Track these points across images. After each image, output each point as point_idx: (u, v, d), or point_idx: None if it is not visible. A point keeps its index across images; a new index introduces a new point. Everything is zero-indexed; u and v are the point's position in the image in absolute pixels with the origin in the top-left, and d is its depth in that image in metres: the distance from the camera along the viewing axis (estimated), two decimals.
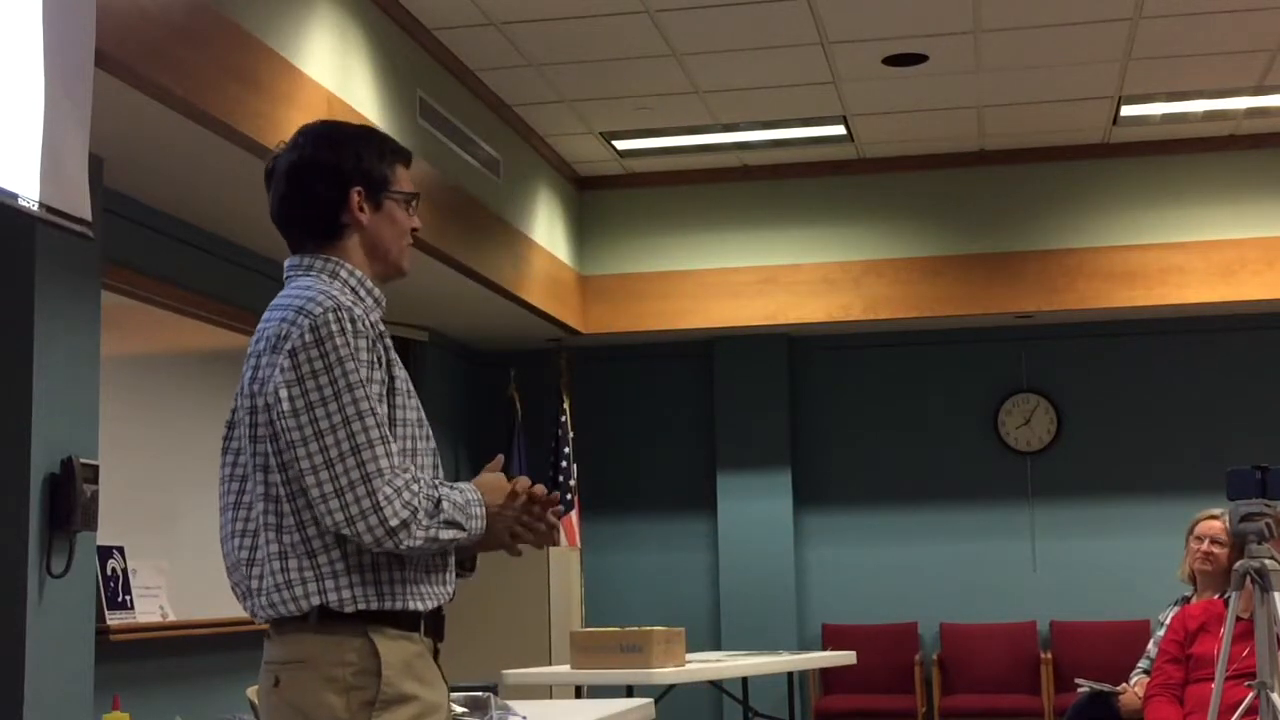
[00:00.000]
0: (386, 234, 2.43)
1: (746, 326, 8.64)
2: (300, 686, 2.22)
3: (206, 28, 4.55)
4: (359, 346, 2.24)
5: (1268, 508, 4.23)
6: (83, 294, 4.65)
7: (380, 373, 2.27)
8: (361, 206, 2.40)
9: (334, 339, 2.23)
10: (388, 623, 2.24)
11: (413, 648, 2.28)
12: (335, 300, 2.27)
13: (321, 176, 2.39)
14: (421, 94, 6.40)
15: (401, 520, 2.19)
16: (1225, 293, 8.12)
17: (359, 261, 2.42)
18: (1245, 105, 7.67)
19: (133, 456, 5.36)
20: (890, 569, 9.02)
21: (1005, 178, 8.46)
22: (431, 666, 2.32)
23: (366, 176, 2.40)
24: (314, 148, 2.42)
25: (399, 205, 2.44)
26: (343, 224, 2.40)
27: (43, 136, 3.53)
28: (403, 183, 2.46)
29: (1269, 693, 4.09)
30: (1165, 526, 6.85)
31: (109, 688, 4.74)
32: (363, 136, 2.47)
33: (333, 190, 2.39)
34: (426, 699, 2.26)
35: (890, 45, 6.71)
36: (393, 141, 2.49)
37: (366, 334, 2.26)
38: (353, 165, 2.40)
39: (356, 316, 2.27)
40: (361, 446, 2.20)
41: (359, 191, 2.40)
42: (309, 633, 2.22)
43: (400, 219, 2.45)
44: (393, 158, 2.45)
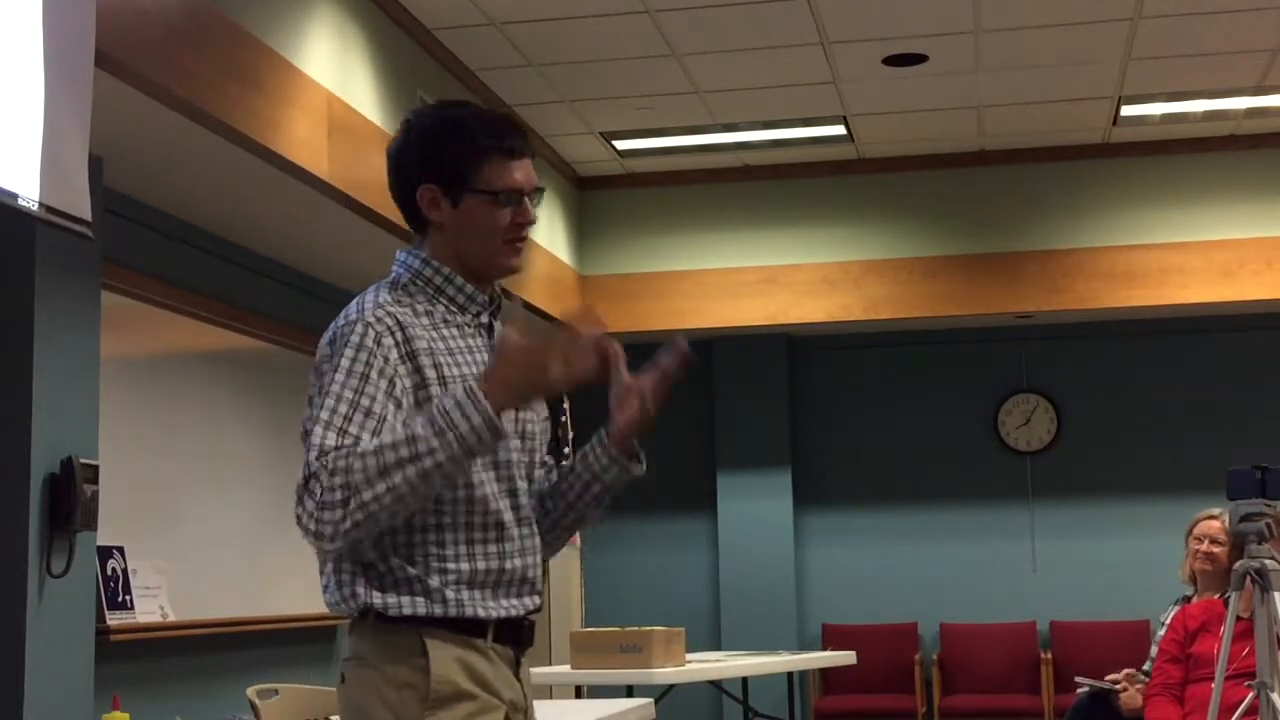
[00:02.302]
0: (467, 235, 2.23)
1: (746, 326, 8.64)
2: (359, 683, 2.19)
3: (206, 28, 4.55)
4: (370, 363, 2.12)
5: (1268, 508, 4.23)
6: (83, 294, 4.65)
7: (401, 383, 2.13)
8: (436, 203, 2.23)
9: (343, 350, 2.12)
10: (442, 626, 2.14)
11: (471, 653, 2.16)
12: (364, 314, 2.16)
13: (395, 169, 2.28)
14: (421, 94, 6.40)
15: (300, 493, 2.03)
16: (1225, 293, 8.12)
17: (448, 259, 2.26)
18: (1245, 105, 7.67)
19: (133, 456, 5.37)
20: (890, 569, 9.02)
21: (1005, 178, 8.47)
22: (495, 671, 2.18)
23: (441, 172, 2.22)
24: (401, 137, 2.28)
25: (486, 203, 2.22)
26: (425, 220, 2.26)
27: (43, 136, 3.53)
28: (492, 178, 2.21)
29: (1269, 693, 4.08)
30: (1165, 526, 6.85)
31: (109, 688, 4.74)
32: (450, 123, 2.24)
33: (405, 186, 2.26)
34: (484, 699, 2.16)
35: (890, 45, 6.71)
36: (493, 129, 2.23)
37: (386, 352, 2.13)
38: (424, 161, 2.23)
39: (379, 332, 2.13)
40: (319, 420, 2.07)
41: (429, 189, 2.23)
42: (367, 630, 2.17)
43: (485, 218, 2.22)
44: (481, 149, 2.21)
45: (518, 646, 2.24)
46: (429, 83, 6.50)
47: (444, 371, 2.16)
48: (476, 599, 2.17)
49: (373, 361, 2.11)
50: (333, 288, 7.07)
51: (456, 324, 2.24)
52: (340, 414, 2.07)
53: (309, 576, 7.42)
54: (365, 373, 2.11)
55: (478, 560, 2.17)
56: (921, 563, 8.99)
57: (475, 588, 2.17)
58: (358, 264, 6.67)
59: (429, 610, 2.14)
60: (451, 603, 2.14)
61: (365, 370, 2.11)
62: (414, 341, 2.16)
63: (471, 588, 2.16)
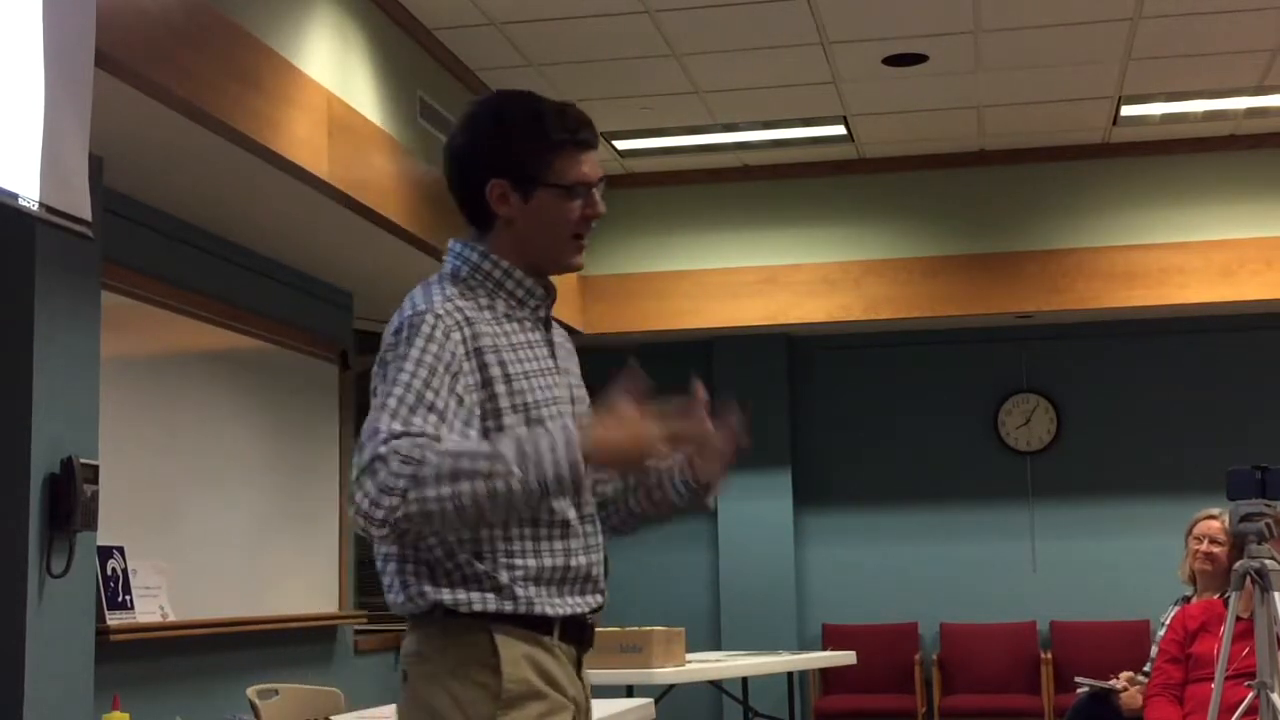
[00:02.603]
0: (537, 229, 2.19)
1: (746, 326, 8.64)
2: (426, 681, 2.14)
3: (206, 28, 4.55)
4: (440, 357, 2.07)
5: (1268, 508, 4.23)
6: (83, 294, 4.65)
7: (465, 380, 2.09)
8: (506, 198, 2.18)
9: (413, 341, 2.08)
10: (511, 622, 2.11)
11: (539, 650, 2.13)
12: (432, 306, 2.12)
13: (462, 164, 2.21)
14: (421, 94, 6.40)
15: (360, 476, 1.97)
16: (1225, 293, 8.12)
17: (510, 254, 2.21)
18: (1245, 105, 7.67)
19: (133, 456, 5.37)
20: (890, 569, 9.02)
21: (1005, 178, 8.47)
22: (563, 670, 2.16)
23: (512, 166, 2.16)
24: (463, 130, 2.21)
25: (559, 197, 2.18)
26: (491, 215, 2.20)
27: (43, 136, 3.53)
28: (564, 171, 2.17)
29: (1269, 693, 4.08)
30: (1165, 526, 6.85)
31: (109, 688, 4.74)
32: (524, 116, 2.19)
33: (470, 180, 2.20)
34: (554, 699, 2.13)
35: (890, 45, 6.71)
36: (565, 121, 2.20)
37: (454, 347, 2.09)
38: (493, 154, 2.17)
39: (448, 326, 2.10)
40: (386, 408, 2.02)
41: (499, 184, 2.17)
42: (434, 628, 2.12)
43: (557, 212, 2.18)
44: (555, 143, 2.17)
45: (581, 645, 2.21)
46: (429, 83, 6.50)
47: (509, 369, 2.13)
48: (544, 596, 2.13)
49: (440, 354, 2.07)
50: (333, 288, 7.08)
51: (517, 319, 2.20)
52: (406, 403, 2.02)
53: (309, 576, 7.46)
54: (433, 365, 2.06)
55: (544, 557, 2.14)
56: (921, 563, 8.99)
57: (542, 584, 2.13)
58: (358, 264, 6.67)
59: (499, 607, 2.10)
60: (521, 600, 2.10)
61: (433, 363, 2.06)
62: (480, 338, 2.12)
63: (539, 584, 2.13)
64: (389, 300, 7.92)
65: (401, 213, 5.96)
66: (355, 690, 6.42)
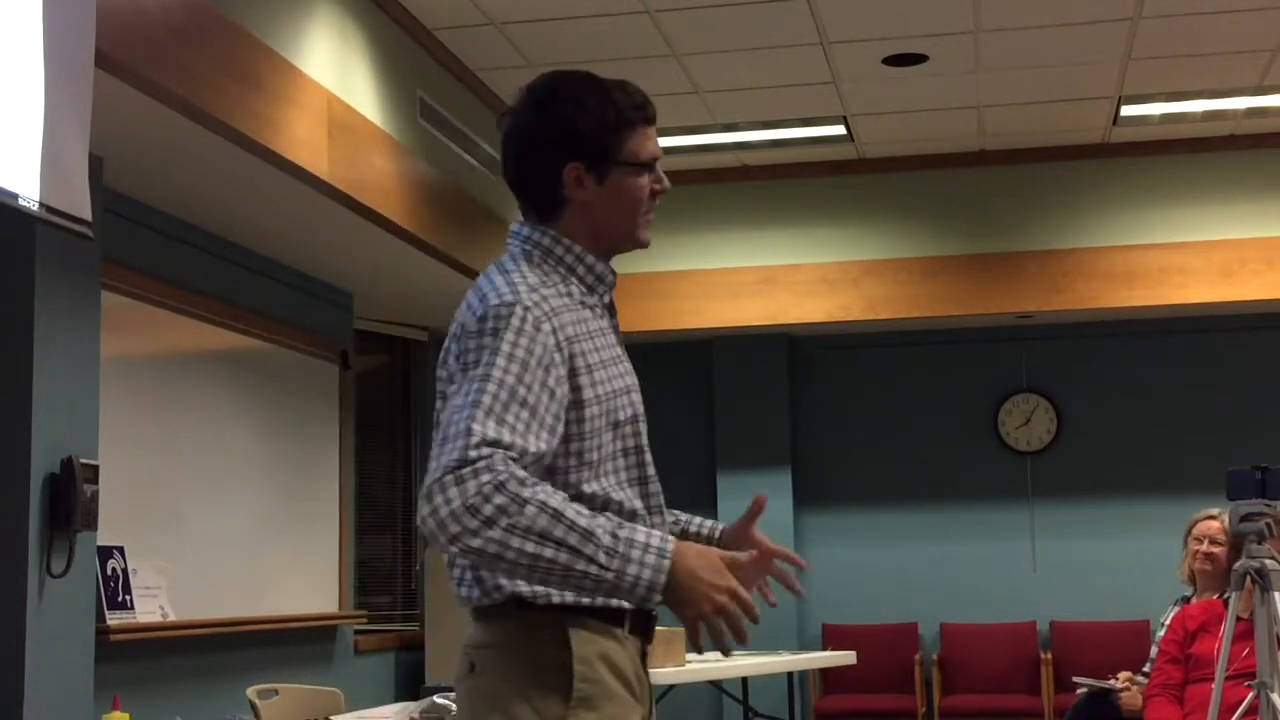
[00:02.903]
0: (612, 210, 2.15)
1: (746, 326, 8.64)
2: (495, 675, 2.05)
3: (206, 28, 4.55)
4: (533, 351, 2.00)
5: (1268, 508, 4.23)
6: (83, 294, 4.65)
7: (557, 371, 2.02)
8: (581, 182, 2.13)
9: (503, 334, 2.00)
10: (587, 615, 2.04)
11: (613, 644, 2.07)
12: (518, 295, 2.04)
13: (534, 148, 2.15)
14: (421, 94, 6.40)
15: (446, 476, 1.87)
16: (1225, 293, 8.12)
17: (581, 237, 2.15)
18: (1245, 105, 7.67)
19: (133, 456, 5.37)
20: (890, 569, 9.02)
21: (1005, 178, 8.47)
22: (633, 665, 2.11)
23: (587, 147, 2.12)
24: (530, 112, 2.16)
25: (632, 175, 2.15)
26: (562, 199, 2.14)
27: (43, 136, 3.53)
28: (637, 149, 2.15)
29: (1269, 693, 4.08)
30: (1165, 526, 6.85)
31: (109, 688, 4.74)
32: (590, 95, 2.15)
33: (545, 164, 2.13)
34: (623, 698, 2.07)
35: (890, 45, 6.71)
36: (631, 98, 2.17)
37: (551, 335, 2.03)
38: (569, 135, 2.12)
39: (537, 316, 2.02)
40: (480, 405, 1.93)
41: (576, 167, 2.12)
42: (508, 620, 2.05)
43: (632, 191, 2.15)
44: (627, 120, 2.14)
45: (646, 638, 2.16)
46: (429, 83, 6.50)
47: (589, 359, 2.08)
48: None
49: (532, 349, 2.00)
50: (333, 288, 7.08)
51: (589, 305, 2.15)
52: (501, 401, 1.93)
53: (309, 576, 7.45)
54: (525, 360, 1.99)
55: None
56: (921, 563, 8.99)
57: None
58: (358, 264, 6.67)
59: (576, 599, 2.03)
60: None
61: (525, 358, 1.99)
62: (565, 328, 2.06)
63: None
64: (389, 300, 7.96)
65: (401, 213, 5.96)
66: (355, 690, 6.43)
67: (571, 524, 1.88)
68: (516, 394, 1.96)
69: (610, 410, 2.10)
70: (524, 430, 1.94)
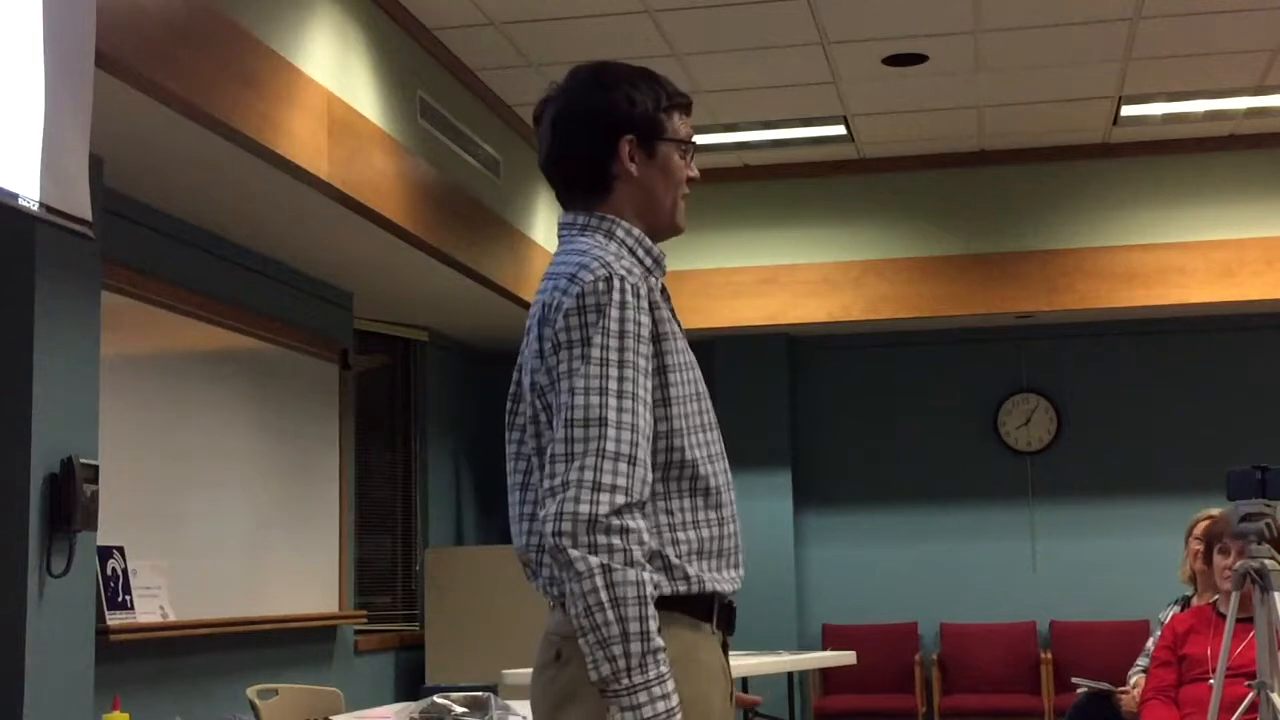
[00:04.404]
0: (660, 186, 2.19)
1: (746, 326, 8.64)
2: (581, 666, 1.98)
3: (206, 28, 4.55)
4: (640, 322, 2.02)
5: (1268, 508, 4.22)
6: (83, 294, 4.65)
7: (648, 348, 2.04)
8: (633, 156, 2.16)
9: (606, 310, 2.00)
10: (677, 608, 2.02)
11: (701, 639, 2.06)
12: (610, 267, 2.03)
13: (589, 123, 2.17)
14: (421, 94, 6.40)
15: (592, 518, 1.91)
16: (1225, 293, 8.12)
17: (630, 217, 2.18)
18: (1245, 105, 7.67)
19: (133, 456, 5.37)
20: (890, 569, 9.02)
21: (1005, 178, 8.47)
22: (720, 659, 2.10)
23: (640, 121, 2.16)
24: (583, 91, 2.19)
25: (676, 151, 2.20)
26: (612, 176, 2.16)
27: (43, 136, 3.53)
28: (680, 128, 2.22)
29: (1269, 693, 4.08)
30: (1165, 526, 6.85)
31: (109, 688, 4.74)
32: (637, 77, 2.21)
33: (601, 138, 2.16)
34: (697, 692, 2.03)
35: (890, 45, 6.71)
36: (670, 85, 2.24)
37: (645, 309, 2.04)
38: (625, 109, 2.16)
39: (633, 284, 2.03)
40: (609, 422, 1.95)
41: (630, 140, 2.16)
42: None
43: (676, 168, 2.20)
44: (675, 102, 2.21)
45: (728, 630, 2.15)
46: (429, 83, 6.50)
47: (674, 330, 2.11)
48: (709, 571, 2.07)
49: (640, 333, 2.02)
50: (333, 288, 7.08)
51: (650, 284, 2.13)
52: (625, 442, 1.96)
53: (309, 576, 7.45)
54: (636, 333, 2.01)
55: (703, 528, 2.08)
56: (921, 563, 8.99)
57: (706, 558, 2.07)
58: (358, 264, 6.67)
59: (673, 589, 2.03)
60: (694, 579, 2.05)
61: (634, 342, 2.01)
62: (652, 294, 2.09)
63: (703, 558, 2.07)
64: (389, 300, 7.96)
65: (401, 213, 5.96)
66: (355, 690, 6.43)
67: (640, 622, 1.91)
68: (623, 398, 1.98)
69: (691, 380, 2.14)
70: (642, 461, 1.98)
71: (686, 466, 2.07)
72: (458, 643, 7.61)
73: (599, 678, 1.91)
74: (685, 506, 2.07)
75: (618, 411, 1.97)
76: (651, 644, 1.91)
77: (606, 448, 1.94)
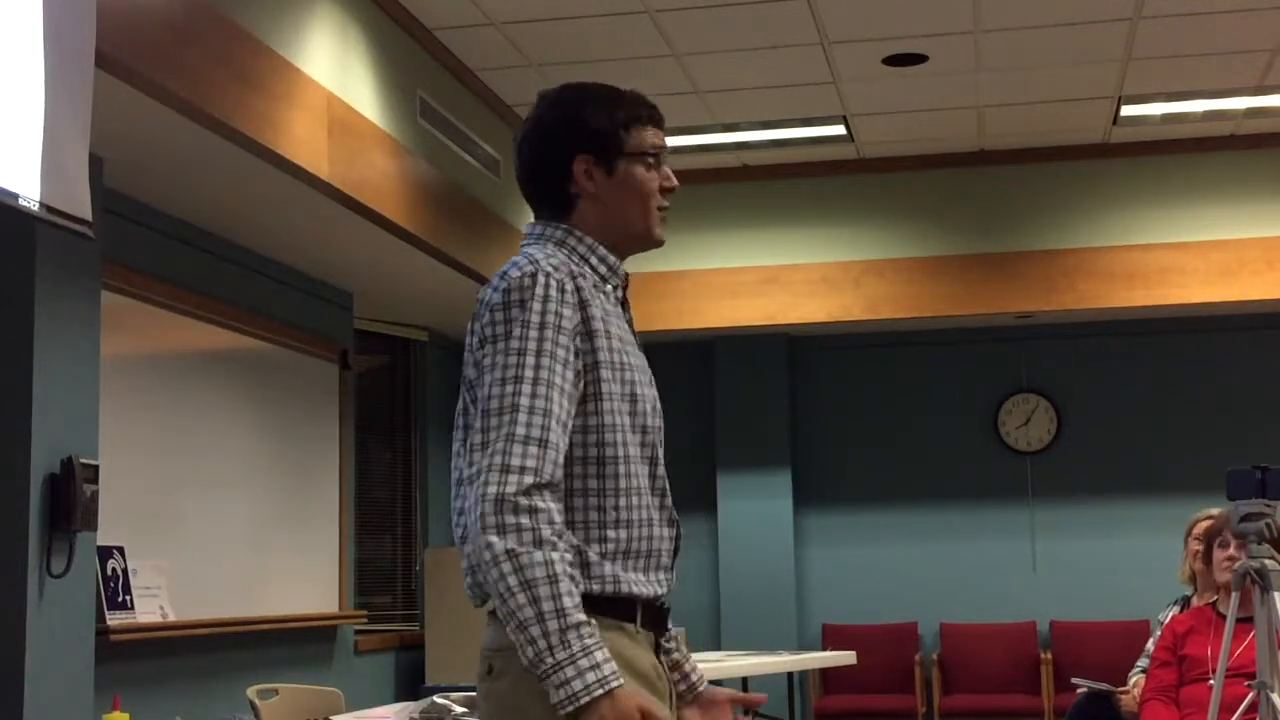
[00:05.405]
0: (624, 202, 2.21)
1: (746, 326, 8.64)
2: (511, 678, 2.03)
3: (206, 28, 4.55)
4: (562, 314, 2.06)
5: (1268, 508, 4.22)
6: (83, 294, 4.65)
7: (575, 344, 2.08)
8: (591, 174, 2.19)
9: (529, 303, 2.05)
10: (597, 608, 2.03)
11: (624, 640, 2.07)
12: (537, 264, 2.09)
13: (546, 144, 2.22)
14: (421, 94, 6.41)
15: (499, 498, 1.95)
16: (1225, 293, 8.12)
17: (593, 232, 2.21)
18: (1245, 105, 7.67)
19: (133, 456, 5.37)
20: (890, 569, 9.02)
21: (1005, 178, 8.47)
22: (650, 659, 2.12)
23: (595, 140, 2.19)
24: (543, 112, 2.24)
25: (639, 166, 2.22)
26: (573, 194, 2.20)
27: (43, 136, 3.53)
28: (644, 141, 2.23)
29: (1269, 693, 4.08)
30: (1165, 526, 6.85)
31: (109, 688, 4.74)
32: (597, 95, 2.25)
33: (556, 158, 2.20)
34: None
35: (890, 45, 6.71)
36: (634, 99, 2.28)
37: (573, 304, 2.08)
38: (579, 130, 2.20)
39: (558, 280, 2.08)
40: (520, 408, 2.00)
41: (587, 159, 2.19)
42: None
43: (640, 183, 2.22)
44: (635, 116, 2.24)
45: (659, 631, 2.17)
46: (429, 83, 6.50)
47: (610, 329, 2.14)
48: (629, 573, 2.09)
49: (561, 310, 2.06)
50: (333, 288, 7.08)
51: (603, 291, 2.20)
52: (535, 425, 2.00)
53: (309, 576, 7.46)
54: (553, 335, 2.05)
55: (632, 528, 2.10)
56: (921, 563, 8.99)
57: (629, 558, 2.09)
58: (358, 264, 6.67)
59: (587, 588, 2.04)
60: (609, 580, 2.06)
61: (554, 333, 2.05)
62: (583, 292, 2.12)
63: (626, 558, 2.09)
64: (389, 300, 7.96)
65: (401, 213, 5.96)
66: (355, 690, 6.43)
67: (552, 598, 1.94)
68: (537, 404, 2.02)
69: (627, 380, 2.15)
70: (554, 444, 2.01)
71: (614, 464, 2.10)
72: (458, 643, 7.60)
73: (527, 662, 1.94)
74: (612, 505, 2.10)
75: (530, 398, 2.01)
76: (568, 620, 1.93)
77: (516, 432, 1.99)
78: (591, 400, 2.10)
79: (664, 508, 2.18)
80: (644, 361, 2.26)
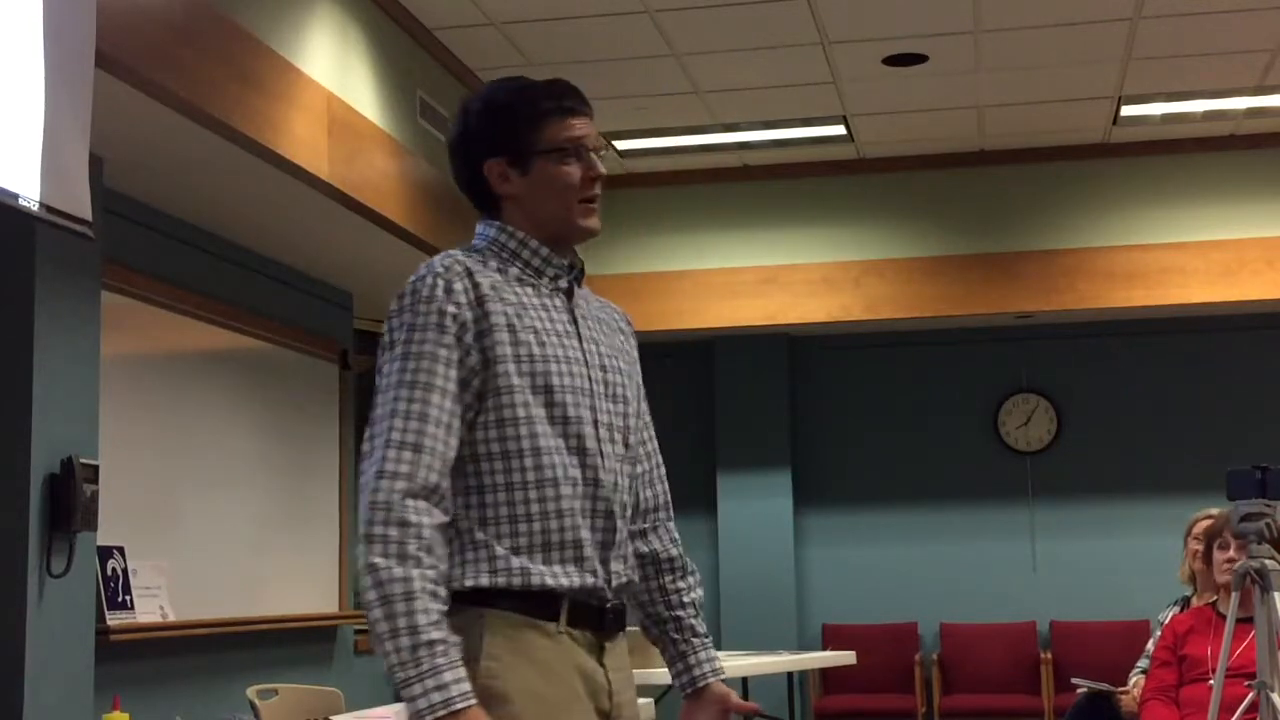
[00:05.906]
0: (543, 198, 2.18)
1: (746, 326, 8.64)
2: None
3: (206, 28, 4.55)
4: (442, 311, 2.05)
5: (1268, 508, 4.22)
6: (83, 294, 4.65)
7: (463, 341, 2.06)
8: (506, 176, 2.19)
9: (406, 308, 2.07)
10: (505, 603, 2.03)
11: (538, 638, 2.04)
12: (431, 266, 2.11)
13: (458, 153, 2.24)
14: (421, 94, 6.41)
15: (372, 505, 1.97)
16: (1225, 293, 8.12)
17: (524, 228, 2.20)
18: (1245, 105, 7.67)
19: (133, 456, 5.37)
20: (890, 569, 9.02)
21: (1005, 178, 8.47)
22: (577, 661, 2.08)
23: (503, 144, 2.18)
24: (459, 125, 2.24)
25: (555, 162, 2.18)
26: (495, 196, 2.21)
27: (43, 136, 3.53)
28: (558, 136, 2.18)
29: (1269, 693, 4.08)
30: (1165, 526, 6.85)
31: (109, 688, 4.74)
32: (503, 95, 2.21)
33: (468, 165, 2.22)
34: (541, 699, 2.03)
35: (890, 45, 6.71)
36: (550, 90, 2.23)
37: (458, 300, 2.07)
38: (484, 136, 2.19)
39: (442, 278, 2.08)
40: (397, 413, 2.01)
41: (498, 163, 2.18)
42: (450, 615, 2.01)
43: (558, 178, 2.18)
44: (543, 111, 2.19)
45: (599, 632, 2.12)
46: (429, 83, 6.50)
47: (513, 322, 2.10)
48: (539, 565, 2.06)
49: (442, 324, 2.05)
50: (333, 288, 7.08)
51: (531, 284, 2.17)
52: (410, 430, 2.00)
53: (309, 576, 7.44)
54: (436, 338, 2.05)
55: (550, 520, 2.07)
56: (921, 563, 8.99)
57: (544, 551, 2.07)
58: (358, 264, 6.67)
59: (493, 582, 2.03)
60: (517, 572, 2.04)
61: (436, 336, 2.05)
62: (482, 288, 2.10)
63: (540, 551, 2.06)
64: (389, 300, 7.92)
65: (401, 213, 5.96)
66: (355, 690, 6.43)
67: (408, 614, 1.94)
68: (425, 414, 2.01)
69: (539, 373, 2.10)
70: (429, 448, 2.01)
71: (520, 457, 2.07)
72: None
73: (387, 674, 1.98)
74: (522, 499, 2.07)
75: (407, 402, 2.02)
76: (419, 637, 1.93)
77: (392, 438, 2.00)
78: (492, 395, 2.07)
79: (597, 498, 2.12)
80: (597, 347, 2.23)
